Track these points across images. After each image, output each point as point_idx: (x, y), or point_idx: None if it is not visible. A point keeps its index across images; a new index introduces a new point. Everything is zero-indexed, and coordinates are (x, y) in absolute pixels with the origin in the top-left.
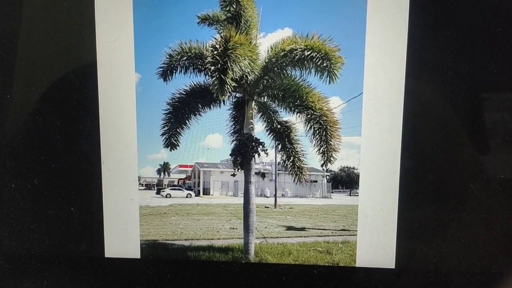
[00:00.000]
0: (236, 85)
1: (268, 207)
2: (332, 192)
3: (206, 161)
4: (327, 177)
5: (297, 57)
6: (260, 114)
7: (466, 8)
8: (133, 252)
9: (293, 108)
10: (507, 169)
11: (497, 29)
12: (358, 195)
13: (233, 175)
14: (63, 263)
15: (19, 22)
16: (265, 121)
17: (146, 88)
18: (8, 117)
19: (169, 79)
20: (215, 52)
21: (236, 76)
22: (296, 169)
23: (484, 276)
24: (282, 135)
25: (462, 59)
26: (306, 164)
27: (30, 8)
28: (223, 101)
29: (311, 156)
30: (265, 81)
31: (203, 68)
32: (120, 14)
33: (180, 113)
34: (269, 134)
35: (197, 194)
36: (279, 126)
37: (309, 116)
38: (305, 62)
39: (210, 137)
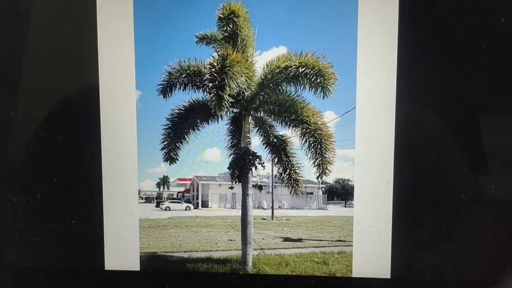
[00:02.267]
0: (233, 100)
1: (265, 219)
2: (328, 204)
3: (205, 175)
4: (323, 189)
5: (291, 73)
6: (256, 129)
7: (455, 25)
8: (133, 264)
9: (288, 123)
10: (498, 179)
11: (483, 45)
12: (353, 206)
13: (231, 187)
14: (64, 276)
15: (22, 41)
16: (261, 135)
17: (147, 104)
18: (11, 133)
19: (168, 95)
20: (213, 70)
21: (233, 92)
22: (292, 181)
23: (479, 285)
24: (278, 149)
25: (451, 74)
26: (302, 177)
27: (33, 27)
28: (221, 116)
29: (306, 169)
30: (261, 97)
31: (201, 85)
32: (122, 34)
33: (179, 128)
34: (265, 147)
35: (196, 207)
36: (275, 140)
37: (304, 130)
38: (300, 78)
39: (208, 151)
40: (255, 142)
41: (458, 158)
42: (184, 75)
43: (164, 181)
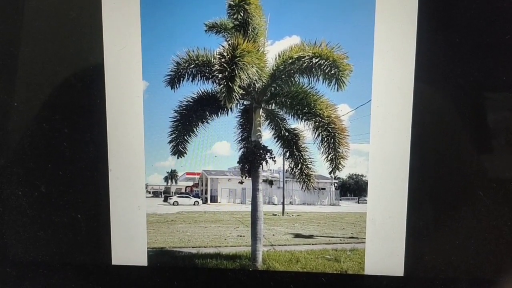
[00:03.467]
0: (243, 92)
1: (275, 215)
2: (340, 200)
3: (214, 169)
4: (335, 185)
5: (305, 64)
6: (267, 122)
7: (475, 15)
8: (140, 259)
9: (301, 116)
10: None
11: (506, 36)
12: (366, 203)
13: (241, 182)
14: (70, 271)
15: (27, 31)
16: (272, 128)
17: (154, 95)
18: (15, 125)
19: (176, 86)
20: (223, 60)
21: (243, 83)
22: (304, 176)
23: (493, 283)
24: (290, 143)
25: (471, 66)
26: (314, 172)
27: (37, 17)
28: (231, 108)
29: (319, 164)
30: (272, 89)
31: (210, 76)
32: (128, 22)
33: (188, 120)
34: (277, 141)
35: (205, 202)
36: (287, 134)
37: (317, 123)
38: (313, 69)
39: (217, 144)
40: (266, 136)
41: (476, 155)
42: (192, 66)
43: (172, 175)
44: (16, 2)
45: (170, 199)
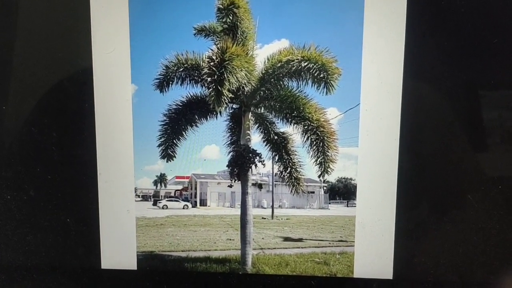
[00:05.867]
0: (232, 96)
1: (265, 218)
2: (330, 203)
3: (203, 172)
4: (324, 188)
5: (293, 68)
6: (257, 125)
7: (463, 19)
8: (130, 263)
9: (290, 119)
10: (505, 180)
11: (494, 40)
12: (355, 206)
13: (230, 186)
14: (60, 275)
15: (15, 34)
16: (262, 132)
17: (143, 99)
18: (4, 128)
19: (165, 90)
20: (212, 63)
21: (232, 87)
22: (293, 180)
23: (482, 286)
24: (279, 146)
25: (460, 69)
26: (303, 175)
27: (26, 20)
28: (220, 112)
29: (308, 167)
30: (261, 92)
31: (199, 79)
32: (117, 25)
33: (177, 124)
34: (266, 145)
35: (194, 205)
36: (276, 137)
37: (306, 127)
38: (302, 73)
39: (207, 148)
40: (255, 139)
41: (465, 157)
42: (181, 69)
43: (161, 179)
44: (5, 7)
45: (160, 202)
